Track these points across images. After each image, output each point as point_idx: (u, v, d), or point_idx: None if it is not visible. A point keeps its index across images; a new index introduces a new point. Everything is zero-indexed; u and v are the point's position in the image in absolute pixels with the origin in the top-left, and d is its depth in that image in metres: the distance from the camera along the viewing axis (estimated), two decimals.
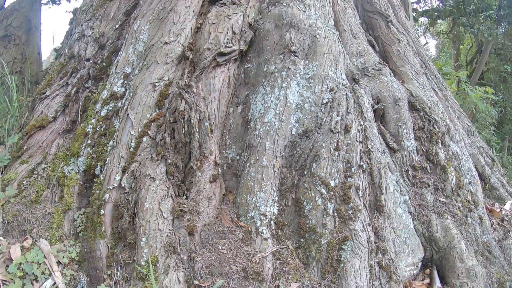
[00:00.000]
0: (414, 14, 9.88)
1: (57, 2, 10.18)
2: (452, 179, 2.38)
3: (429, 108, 2.59)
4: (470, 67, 10.90)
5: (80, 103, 2.15)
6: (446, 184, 2.35)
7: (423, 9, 10.47)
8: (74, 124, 2.15)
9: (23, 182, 2.03)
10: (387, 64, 2.91)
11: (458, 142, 2.65)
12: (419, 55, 3.29)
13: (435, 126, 2.53)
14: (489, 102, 10.20)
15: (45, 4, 10.32)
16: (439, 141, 2.50)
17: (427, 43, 14.98)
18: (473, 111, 8.73)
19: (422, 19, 11.14)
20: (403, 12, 3.55)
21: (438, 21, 10.60)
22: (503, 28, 9.18)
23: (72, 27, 2.70)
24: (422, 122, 2.54)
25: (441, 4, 9.04)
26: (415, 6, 9.94)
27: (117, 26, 2.31)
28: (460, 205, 2.33)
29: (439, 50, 15.20)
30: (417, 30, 13.16)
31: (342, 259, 1.53)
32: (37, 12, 4.74)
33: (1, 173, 2.17)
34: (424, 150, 2.47)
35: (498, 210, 2.72)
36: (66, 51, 2.29)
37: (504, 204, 2.88)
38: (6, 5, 4.75)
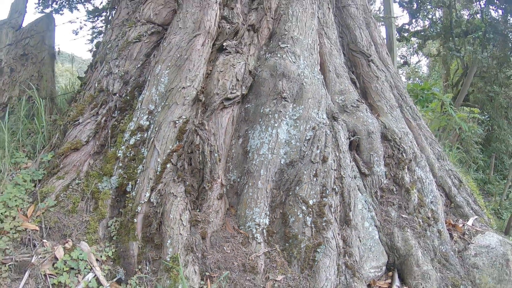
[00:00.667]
0: (406, 34, 10.69)
1: (60, 12, 10.89)
2: (415, 199, 3.05)
3: (399, 139, 3.28)
4: (456, 89, 11.79)
5: (108, 130, 2.78)
6: (409, 203, 3.02)
7: (415, 29, 11.32)
8: (103, 147, 2.77)
9: (60, 195, 2.62)
10: (366, 99, 3.62)
11: (423, 167, 3.33)
12: (396, 89, 3.99)
13: (403, 154, 3.21)
14: (475, 121, 11.03)
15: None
16: (406, 167, 3.17)
17: (419, 61, 15.94)
18: (457, 131, 9.52)
19: (414, 39, 12.01)
20: (384, 49, 4.25)
21: (429, 41, 11.48)
22: (488, 51, 10.02)
23: (97, 60, 3.32)
24: (392, 150, 3.23)
25: (430, 26, 9.85)
26: (406, 26, 10.76)
27: (139, 65, 2.96)
28: (420, 220, 2.99)
29: (431, 69, 16.13)
30: (410, 48, 14.04)
31: (316, 259, 2.16)
32: (52, 33, 5.34)
33: (36, 186, 2.77)
34: (392, 175, 3.14)
35: (461, 225, 3.39)
36: (96, 85, 2.91)
37: (468, 220, 3.56)
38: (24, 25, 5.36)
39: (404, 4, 9.81)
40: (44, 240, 2.36)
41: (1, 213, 2.41)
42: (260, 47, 2.96)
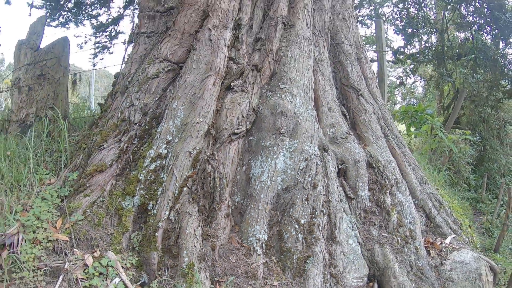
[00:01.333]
0: (401, 57, 11.37)
1: (67, 26, 11.56)
2: (394, 220, 3.62)
3: (383, 166, 3.85)
4: (447, 112, 12.49)
5: (129, 155, 3.32)
6: (389, 223, 3.58)
7: (411, 51, 12.04)
8: (124, 170, 3.31)
9: (87, 210, 3.14)
10: (355, 130, 4.21)
11: (404, 192, 3.90)
12: (383, 119, 4.57)
13: (386, 180, 3.78)
14: (467, 142, 11.68)
15: (55, 27, 11.65)
16: (388, 191, 3.74)
17: (415, 81, 16.68)
18: (446, 153, 10.14)
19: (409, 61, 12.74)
20: (374, 82, 4.86)
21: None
22: (480, 75, 10.70)
23: (117, 89, 3.88)
24: (376, 177, 3.80)
25: (423, 52, 10.55)
26: (402, 49, 11.46)
27: (156, 98, 3.52)
28: (399, 238, 3.54)
29: (426, 89, 16.90)
30: (406, 69, 14.77)
31: (306, 268, 2.71)
32: (67, 54, 5.90)
33: (62, 201, 3.29)
34: (375, 198, 3.71)
35: (438, 243, 3.94)
36: (119, 115, 3.47)
37: (446, 239, 4.12)
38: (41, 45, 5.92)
39: (399, 30, 10.52)
40: (75, 249, 2.84)
41: (34, 225, 2.90)
42: (262, 85, 3.56)
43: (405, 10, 11.06)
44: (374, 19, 11.95)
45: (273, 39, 3.80)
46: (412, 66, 13.04)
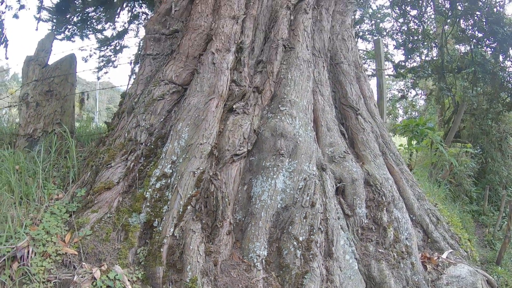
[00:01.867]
0: (402, 71, 11.63)
1: (72, 40, 11.85)
2: (391, 236, 3.79)
3: (380, 184, 4.04)
4: (447, 126, 12.70)
5: (136, 174, 3.52)
6: (385, 240, 3.75)
7: (412, 64, 12.28)
8: (131, 187, 3.51)
9: (95, 226, 3.33)
10: (353, 148, 4.40)
11: (400, 209, 4.07)
12: (382, 138, 4.77)
13: (383, 197, 3.96)
14: (468, 155, 11.85)
15: (60, 40, 11.97)
16: (385, 208, 3.92)
17: (416, 94, 16.91)
18: (447, 167, 10.30)
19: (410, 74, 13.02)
20: (372, 101, 5.06)
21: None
22: (480, 88, 10.93)
23: (123, 109, 4.10)
24: (373, 194, 3.98)
25: (422, 67, 10.80)
26: (403, 63, 11.72)
27: (162, 119, 3.73)
28: (395, 254, 3.71)
29: (428, 102, 17.14)
30: (407, 82, 15.02)
31: (303, 283, 2.88)
32: (74, 72, 6.14)
33: (70, 216, 3.47)
34: (372, 215, 3.89)
35: (435, 258, 4.10)
36: (126, 134, 3.67)
37: (443, 254, 4.28)
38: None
39: (399, 45, 10.78)
40: (83, 263, 3.02)
41: (44, 239, 3.08)
42: (263, 107, 3.77)
43: (405, 25, 11.34)
44: (374, 33, 12.22)
45: (274, 62, 4.02)
46: (412, 80, 13.28)
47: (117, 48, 13.56)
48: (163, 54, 4.18)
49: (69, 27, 11.57)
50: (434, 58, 11.17)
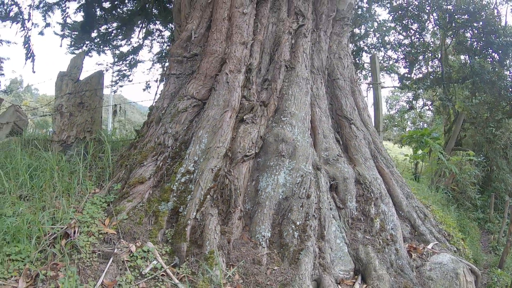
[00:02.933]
0: (408, 82, 12.45)
1: (90, 54, 12.93)
2: (377, 226, 4.60)
3: (369, 182, 4.87)
4: (447, 135, 13.45)
5: (164, 171, 4.42)
6: (372, 229, 4.57)
7: (418, 76, 13.11)
8: (159, 182, 4.38)
9: (130, 212, 4.17)
10: (347, 153, 5.25)
11: (387, 203, 4.88)
12: (374, 144, 5.60)
13: (372, 194, 4.79)
14: (472, 163, 12.54)
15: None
16: (372, 203, 4.74)
17: (425, 105, 17.68)
18: (447, 174, 11.03)
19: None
20: (366, 112, 5.91)
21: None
22: (480, 97, 11.69)
23: (152, 119, 4.99)
24: (362, 191, 4.82)
25: (422, 79, 11.63)
26: (408, 75, 12.55)
27: (185, 128, 4.64)
28: (380, 241, 4.50)
29: (435, 113, 17.93)
30: (415, 93, 15.83)
31: (299, 258, 3.72)
32: (102, 86, 7.10)
33: (108, 205, 4.33)
34: (361, 209, 4.71)
35: (421, 248, 4.86)
36: (156, 139, 4.57)
37: (428, 245, 5.04)
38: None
39: (400, 59, 11.62)
40: (121, 240, 3.81)
41: (88, 221, 3.86)
42: (268, 118, 4.66)
43: (408, 38, 12.15)
44: (379, 47, 13.09)
45: (277, 80, 4.92)
46: (414, 92, 14.11)
47: (132, 63, 14.63)
48: (185, 73, 5.11)
49: (86, 42, 12.65)
50: (435, 70, 11.98)
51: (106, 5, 10.06)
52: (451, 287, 4.23)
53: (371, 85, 6.95)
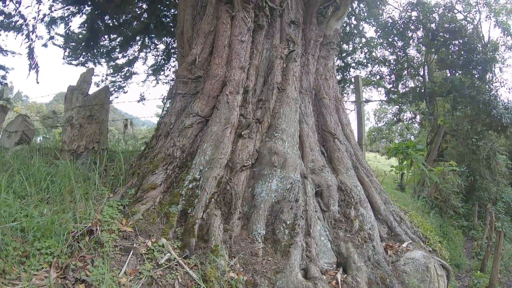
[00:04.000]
0: (394, 96, 13.51)
1: (86, 65, 13.80)
2: (357, 226, 5.50)
3: (350, 189, 5.79)
4: (429, 147, 14.54)
5: (173, 179, 5.29)
6: (352, 228, 5.47)
7: (404, 90, 14.17)
8: (169, 188, 5.22)
9: (144, 213, 4.95)
10: (331, 164, 6.18)
11: (366, 207, 5.79)
12: (355, 156, 6.54)
13: (352, 199, 5.71)
14: (455, 173, 13.59)
15: (76, 65, 13.93)
16: (352, 207, 5.66)
17: (413, 118, 18.84)
18: (428, 183, 12.04)
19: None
20: (349, 127, 6.86)
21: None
22: (461, 111, 12.80)
23: (160, 133, 5.87)
24: (344, 196, 5.74)
25: (404, 95, 12.71)
26: (394, 89, 13.63)
27: (191, 141, 5.51)
28: (359, 238, 5.38)
29: (421, 126, 19.11)
30: (402, 106, 16.94)
31: (289, 251, 4.59)
32: (108, 101, 8.00)
33: (124, 208, 5.16)
34: (343, 212, 5.63)
35: (396, 246, 5.77)
36: (165, 151, 5.44)
37: (403, 244, 5.96)
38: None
39: (383, 76, 12.69)
40: (139, 237, 4.60)
41: (108, 220, 4.58)
42: (263, 133, 5.57)
43: (394, 54, 13.20)
44: (366, 63, 14.16)
45: (270, 100, 5.85)
46: (398, 106, 15.19)
47: (127, 74, 15.49)
48: (190, 93, 6.01)
49: (83, 53, 13.48)
50: (419, 85, 13.01)
51: (110, 22, 10.93)
52: (423, 279, 5.10)
53: (354, 103, 7.91)
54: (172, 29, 13.74)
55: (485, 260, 12.11)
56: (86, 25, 10.69)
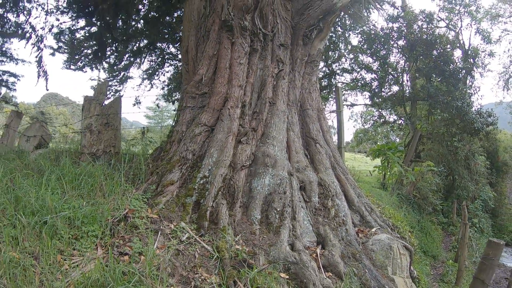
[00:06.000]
0: (378, 100, 15.35)
1: (84, 71, 15.46)
2: (333, 213, 7.25)
3: (328, 185, 7.57)
4: (407, 149, 16.45)
5: (187, 176, 7.02)
6: (329, 215, 7.23)
7: (388, 94, 16.01)
8: (183, 184, 6.93)
9: (165, 204, 6.69)
10: (312, 164, 7.97)
11: (341, 199, 7.55)
12: (333, 157, 8.34)
13: (329, 192, 7.49)
14: (434, 173, 15.49)
15: (74, 70, 15.58)
16: (330, 198, 7.44)
17: (397, 120, 20.71)
18: (404, 182, 13.91)
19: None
20: (329, 134, 8.64)
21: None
22: (439, 116, 14.69)
23: (173, 139, 7.61)
24: (323, 190, 7.51)
25: (384, 101, 14.62)
26: (379, 93, 15.51)
27: (200, 146, 7.23)
28: (335, 223, 7.16)
29: (400, 129, 21.07)
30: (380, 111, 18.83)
31: (280, 231, 6.29)
32: (121, 109, 9.69)
33: (147, 200, 6.88)
34: (322, 202, 7.41)
35: (366, 230, 7.60)
36: (180, 154, 7.18)
37: (372, 229, 7.79)
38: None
39: (366, 83, 14.54)
40: (163, 221, 6.33)
41: (138, 209, 6.44)
42: (257, 140, 7.32)
43: (377, 61, 15.01)
44: (353, 69, 16.00)
45: (263, 112, 7.61)
46: (379, 110, 17.09)
47: (123, 78, 17.13)
48: (197, 106, 7.74)
49: (81, 59, 15.07)
50: (399, 91, 14.83)
51: (118, 36, 12.53)
52: (387, 256, 6.80)
53: (335, 112, 9.69)
54: (167, 35, 15.42)
55: (459, 251, 14.04)
56: (94, 37, 12.29)
